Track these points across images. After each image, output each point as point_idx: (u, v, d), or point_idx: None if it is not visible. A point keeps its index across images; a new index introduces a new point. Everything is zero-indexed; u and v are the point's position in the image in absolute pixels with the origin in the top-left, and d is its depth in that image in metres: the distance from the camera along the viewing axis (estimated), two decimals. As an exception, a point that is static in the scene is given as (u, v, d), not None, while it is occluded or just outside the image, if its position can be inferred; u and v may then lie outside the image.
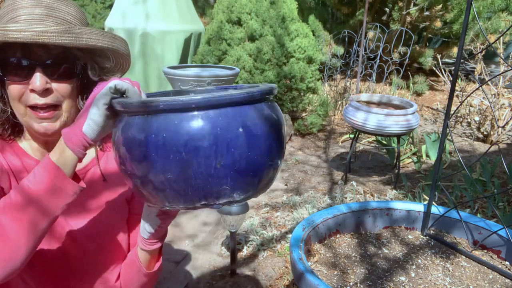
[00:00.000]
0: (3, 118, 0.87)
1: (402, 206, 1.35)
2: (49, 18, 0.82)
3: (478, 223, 1.24)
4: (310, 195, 3.13)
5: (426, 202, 1.31)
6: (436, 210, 1.30)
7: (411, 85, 6.33)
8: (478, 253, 1.20)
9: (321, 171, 3.74)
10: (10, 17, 0.82)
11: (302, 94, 4.43)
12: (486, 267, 1.13)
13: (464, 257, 1.19)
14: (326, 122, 5.06)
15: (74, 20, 0.86)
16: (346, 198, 3.06)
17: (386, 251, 1.21)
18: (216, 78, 3.07)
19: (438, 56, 5.57)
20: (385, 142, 3.99)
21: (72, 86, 0.86)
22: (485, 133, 4.55)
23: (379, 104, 3.34)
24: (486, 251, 1.21)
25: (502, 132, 4.49)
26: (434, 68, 5.66)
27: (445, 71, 5.17)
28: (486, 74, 4.73)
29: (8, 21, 0.82)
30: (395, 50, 6.12)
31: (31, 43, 0.77)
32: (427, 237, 1.29)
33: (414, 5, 6.05)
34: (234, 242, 2.21)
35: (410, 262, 1.16)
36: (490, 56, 8.06)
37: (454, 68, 1.16)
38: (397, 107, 3.19)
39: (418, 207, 1.34)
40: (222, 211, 2.09)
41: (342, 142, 4.55)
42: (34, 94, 0.81)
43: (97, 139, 0.71)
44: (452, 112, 2.61)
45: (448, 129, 1.21)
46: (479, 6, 5.32)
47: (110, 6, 6.51)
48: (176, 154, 0.60)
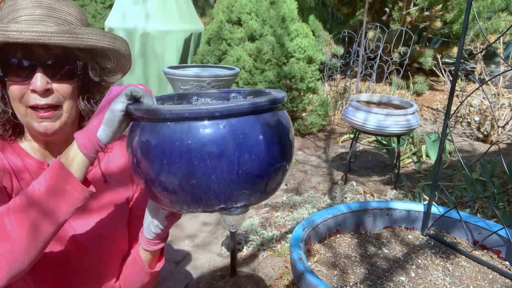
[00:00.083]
0: (4, 118, 0.87)
1: (402, 206, 1.35)
2: (49, 19, 0.82)
3: (478, 223, 1.24)
4: (310, 195, 3.13)
5: (426, 202, 1.31)
6: (436, 210, 1.30)
7: (411, 85, 6.33)
8: (478, 253, 1.20)
9: (321, 171, 3.74)
10: (11, 17, 0.82)
11: (302, 94, 4.43)
12: (486, 267, 1.13)
13: (464, 257, 1.19)
14: (326, 122, 5.06)
15: (74, 20, 0.86)
16: (346, 198, 3.06)
17: (386, 251, 1.21)
18: (216, 78, 3.07)
19: (438, 56, 5.57)
20: (385, 142, 3.99)
21: (73, 86, 0.86)
22: (485, 133, 4.55)
23: (379, 104, 3.34)
24: (486, 251, 1.21)
25: (502, 132, 4.49)
26: (434, 68, 5.66)
27: (445, 71, 5.17)
28: (486, 74, 4.73)
29: (9, 21, 0.82)
30: (395, 50, 6.12)
31: (32, 44, 0.77)
32: (427, 237, 1.29)
33: (414, 5, 6.05)
34: (234, 242, 2.21)
35: (410, 262, 1.16)
36: (490, 56, 8.06)
37: (454, 68, 1.16)
38: (397, 107, 3.19)
39: (418, 207, 1.34)
40: (222, 212, 2.09)
41: (342, 142, 4.55)
42: (35, 94, 0.81)
43: (108, 144, 0.72)
44: (452, 112, 2.61)
45: (448, 129, 1.21)
46: (479, 6, 5.32)
47: (110, 6, 6.52)
48: (200, 161, 0.61)
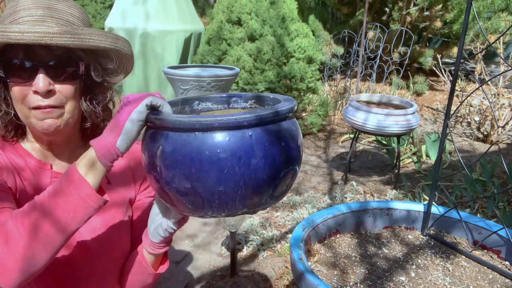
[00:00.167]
0: (7, 120, 0.87)
1: (402, 206, 1.35)
2: (51, 19, 0.82)
3: (478, 223, 1.24)
4: (310, 195, 3.13)
5: (426, 202, 1.31)
6: (436, 210, 1.30)
7: (411, 85, 6.33)
8: (478, 253, 1.20)
9: (321, 171, 3.74)
10: (13, 18, 0.82)
11: (302, 94, 4.43)
12: (486, 267, 1.13)
13: (464, 257, 1.19)
14: (326, 122, 5.06)
15: (76, 21, 0.86)
16: (346, 198, 3.06)
17: (386, 251, 1.21)
18: (216, 78, 3.07)
19: (438, 56, 5.57)
20: (385, 142, 3.99)
21: (75, 87, 0.86)
22: (485, 133, 4.55)
23: (379, 104, 3.34)
24: (486, 251, 1.21)
25: (502, 132, 4.49)
26: (434, 68, 5.66)
27: (445, 71, 5.17)
28: (486, 74, 4.73)
29: (10, 22, 0.82)
30: (395, 50, 6.12)
31: (34, 45, 0.77)
32: (427, 237, 1.29)
33: (414, 5, 6.05)
34: (234, 242, 2.21)
35: (410, 262, 1.15)
36: (490, 56, 8.06)
37: (454, 68, 1.16)
38: (397, 107, 3.19)
39: (418, 207, 1.34)
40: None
41: (342, 142, 4.55)
42: (37, 95, 0.81)
43: (125, 152, 0.72)
44: (452, 112, 2.61)
45: (448, 129, 1.21)
46: (479, 6, 5.32)
47: (110, 6, 6.52)
48: (230, 169, 0.63)
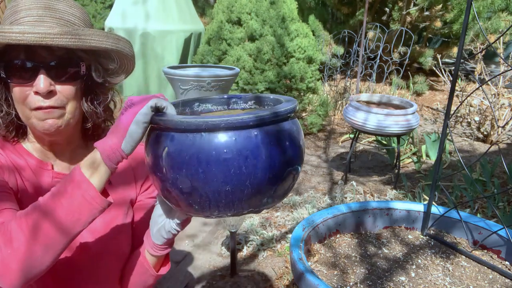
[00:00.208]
0: (8, 120, 0.87)
1: (402, 206, 1.35)
2: (52, 20, 0.82)
3: (478, 223, 1.24)
4: (310, 195, 3.13)
5: (426, 202, 1.31)
6: (436, 210, 1.30)
7: (411, 85, 6.33)
8: (478, 253, 1.20)
9: (321, 171, 3.74)
10: (14, 18, 0.82)
11: (302, 94, 4.43)
12: (486, 267, 1.13)
13: (464, 257, 1.19)
14: (326, 122, 5.06)
15: (77, 21, 0.86)
16: (346, 198, 3.06)
17: (386, 251, 1.21)
18: (216, 78, 3.07)
19: (438, 56, 5.57)
20: (385, 142, 3.99)
21: (76, 88, 0.86)
22: (485, 133, 4.55)
23: (379, 104, 3.34)
24: (486, 251, 1.21)
25: (502, 132, 4.49)
26: (434, 68, 5.66)
27: (445, 71, 5.17)
28: (486, 74, 4.72)
29: (11, 23, 0.82)
30: (395, 50, 6.12)
31: (35, 45, 0.77)
32: (427, 237, 1.29)
33: (414, 5, 6.05)
34: (234, 242, 2.21)
35: (410, 262, 1.15)
36: (490, 56, 8.06)
37: (454, 68, 1.16)
38: (397, 107, 3.19)
39: (418, 207, 1.34)
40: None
41: (342, 142, 4.55)
42: (38, 96, 0.81)
43: (130, 154, 0.73)
44: (452, 112, 2.61)
45: (448, 129, 1.21)
46: (479, 6, 5.32)
47: (110, 6, 6.52)
48: (236, 169, 0.63)
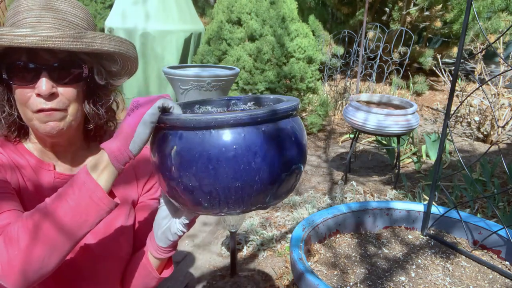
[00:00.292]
0: (10, 121, 0.88)
1: (402, 206, 1.35)
2: (54, 21, 0.81)
3: (478, 223, 1.24)
4: (310, 195, 3.13)
5: (426, 202, 1.31)
6: (436, 210, 1.30)
7: (411, 85, 6.33)
8: (478, 253, 1.20)
9: (321, 171, 3.74)
10: (16, 19, 0.81)
11: (302, 94, 4.43)
12: (486, 267, 1.13)
13: (464, 257, 1.19)
14: (326, 122, 5.06)
15: (80, 22, 0.86)
16: (346, 198, 3.06)
17: (386, 251, 1.21)
18: (216, 78, 3.07)
19: (438, 56, 5.57)
20: (385, 142, 3.99)
21: (78, 90, 0.86)
22: (485, 133, 4.55)
23: (379, 104, 3.34)
24: (486, 251, 1.21)
25: (502, 132, 4.49)
26: (434, 68, 5.66)
27: (445, 71, 5.17)
28: (486, 74, 4.73)
29: (13, 23, 0.81)
30: (395, 50, 6.12)
31: (37, 47, 0.77)
32: (427, 237, 1.29)
33: (414, 5, 6.05)
34: (234, 242, 2.21)
35: (410, 262, 1.16)
36: (490, 56, 8.06)
37: (454, 68, 1.16)
38: (397, 107, 3.19)
39: (418, 207, 1.34)
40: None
41: (342, 142, 4.55)
42: (40, 98, 0.81)
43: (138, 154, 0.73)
44: (452, 112, 2.61)
45: (448, 129, 1.21)
46: (479, 6, 5.32)
47: (110, 6, 6.52)
48: (246, 164, 0.64)
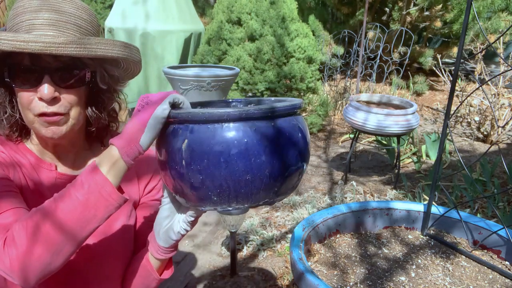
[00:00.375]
0: (12, 121, 0.88)
1: (402, 206, 1.35)
2: (58, 24, 0.81)
3: (478, 223, 1.24)
4: (310, 195, 3.13)
5: (426, 202, 1.31)
6: (436, 210, 1.30)
7: (411, 85, 6.33)
8: (478, 253, 1.20)
9: (321, 171, 3.74)
10: (19, 20, 0.81)
11: (302, 94, 4.43)
12: (486, 267, 1.13)
13: (464, 257, 1.19)
14: (326, 122, 5.06)
15: (84, 24, 0.85)
16: (346, 198, 3.06)
17: (386, 251, 1.21)
18: (216, 78, 3.07)
19: (438, 56, 5.57)
20: (385, 142, 3.99)
21: (80, 94, 0.85)
22: (485, 133, 4.55)
23: (379, 104, 3.34)
24: (486, 251, 1.21)
25: (502, 132, 4.49)
26: (434, 68, 5.66)
27: (445, 71, 5.17)
28: (486, 74, 4.73)
29: (16, 24, 0.81)
30: (395, 50, 6.12)
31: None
32: (427, 237, 1.29)
33: (414, 5, 6.05)
34: (234, 242, 2.21)
35: (410, 262, 1.15)
36: (490, 56, 8.06)
37: (454, 68, 1.16)
38: (397, 107, 3.19)
39: (418, 207, 1.34)
40: (220, 212, 2.09)
41: (342, 142, 4.55)
42: (42, 102, 0.81)
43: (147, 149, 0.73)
44: (452, 112, 2.61)
45: (448, 129, 1.21)
46: (479, 6, 5.32)
47: (110, 6, 6.51)
48: (256, 158, 0.65)
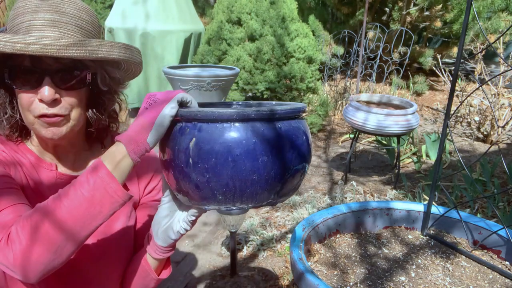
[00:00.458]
0: (12, 122, 0.88)
1: (402, 206, 1.35)
2: (59, 25, 0.81)
3: (478, 223, 1.24)
4: (310, 195, 3.13)
5: (426, 202, 1.31)
6: (436, 210, 1.30)
7: (411, 85, 6.33)
8: (478, 253, 1.20)
9: (321, 171, 3.74)
10: (20, 21, 0.81)
11: (302, 94, 4.43)
12: (486, 267, 1.13)
13: (464, 257, 1.19)
14: (326, 122, 5.06)
15: (85, 25, 0.85)
16: (346, 198, 3.06)
17: (386, 251, 1.21)
18: (216, 78, 3.07)
19: (438, 56, 5.57)
20: (385, 142, 3.99)
21: (81, 95, 0.85)
22: (485, 133, 4.55)
23: (379, 104, 3.34)
24: (486, 251, 1.21)
25: (502, 132, 4.49)
26: (434, 68, 5.66)
27: (445, 71, 5.17)
28: (486, 74, 4.72)
29: (17, 25, 0.81)
30: (395, 50, 6.12)
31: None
32: (427, 237, 1.29)
33: (414, 5, 6.05)
34: (234, 242, 2.21)
35: (410, 262, 1.15)
36: (490, 56, 8.06)
37: (454, 68, 1.16)
38: (397, 107, 3.19)
39: (418, 207, 1.34)
40: (222, 211, 2.09)
41: (342, 142, 4.55)
42: (42, 104, 0.81)
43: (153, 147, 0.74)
44: (452, 112, 2.61)
45: (448, 129, 1.21)
46: (479, 6, 5.32)
47: (110, 6, 6.51)
48: (264, 158, 0.66)
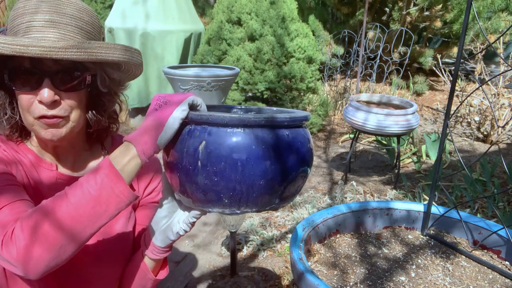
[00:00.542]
0: (12, 122, 0.88)
1: (402, 206, 1.35)
2: (59, 26, 0.81)
3: (478, 223, 1.24)
4: (310, 195, 3.13)
5: (426, 202, 1.31)
6: (436, 210, 1.30)
7: (411, 85, 6.33)
8: (478, 253, 1.20)
9: (321, 171, 3.74)
10: (20, 22, 0.81)
11: (302, 94, 4.43)
12: (486, 267, 1.13)
13: (464, 257, 1.19)
14: (326, 122, 5.06)
15: (85, 26, 0.85)
16: (346, 198, 3.06)
17: (386, 251, 1.21)
18: (216, 78, 3.07)
19: (438, 56, 5.57)
20: (385, 142, 3.99)
21: (80, 97, 0.85)
22: (485, 133, 4.55)
23: (379, 104, 3.34)
24: (486, 251, 1.21)
25: (502, 132, 4.49)
26: (434, 68, 5.66)
27: (445, 71, 5.17)
28: (486, 74, 4.72)
29: (17, 26, 0.81)
30: (395, 50, 6.12)
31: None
32: (427, 237, 1.29)
33: (414, 5, 6.05)
34: (234, 242, 2.21)
35: (410, 262, 1.16)
36: (490, 56, 8.06)
37: (454, 68, 1.16)
38: (397, 107, 3.18)
39: (418, 207, 1.34)
40: (225, 214, 2.09)
41: (342, 142, 4.55)
42: (42, 105, 0.81)
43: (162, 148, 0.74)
44: (452, 112, 2.61)
45: (448, 129, 1.21)
46: (479, 6, 5.32)
47: (110, 6, 6.51)
48: (272, 163, 0.68)
